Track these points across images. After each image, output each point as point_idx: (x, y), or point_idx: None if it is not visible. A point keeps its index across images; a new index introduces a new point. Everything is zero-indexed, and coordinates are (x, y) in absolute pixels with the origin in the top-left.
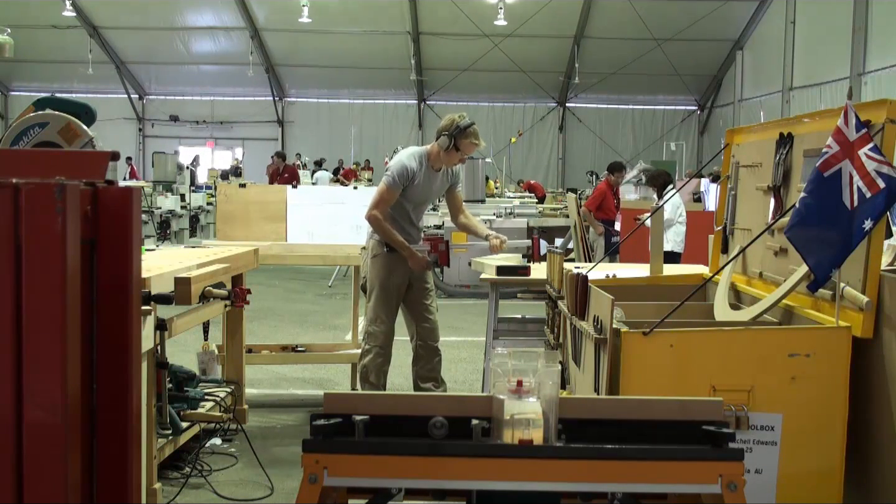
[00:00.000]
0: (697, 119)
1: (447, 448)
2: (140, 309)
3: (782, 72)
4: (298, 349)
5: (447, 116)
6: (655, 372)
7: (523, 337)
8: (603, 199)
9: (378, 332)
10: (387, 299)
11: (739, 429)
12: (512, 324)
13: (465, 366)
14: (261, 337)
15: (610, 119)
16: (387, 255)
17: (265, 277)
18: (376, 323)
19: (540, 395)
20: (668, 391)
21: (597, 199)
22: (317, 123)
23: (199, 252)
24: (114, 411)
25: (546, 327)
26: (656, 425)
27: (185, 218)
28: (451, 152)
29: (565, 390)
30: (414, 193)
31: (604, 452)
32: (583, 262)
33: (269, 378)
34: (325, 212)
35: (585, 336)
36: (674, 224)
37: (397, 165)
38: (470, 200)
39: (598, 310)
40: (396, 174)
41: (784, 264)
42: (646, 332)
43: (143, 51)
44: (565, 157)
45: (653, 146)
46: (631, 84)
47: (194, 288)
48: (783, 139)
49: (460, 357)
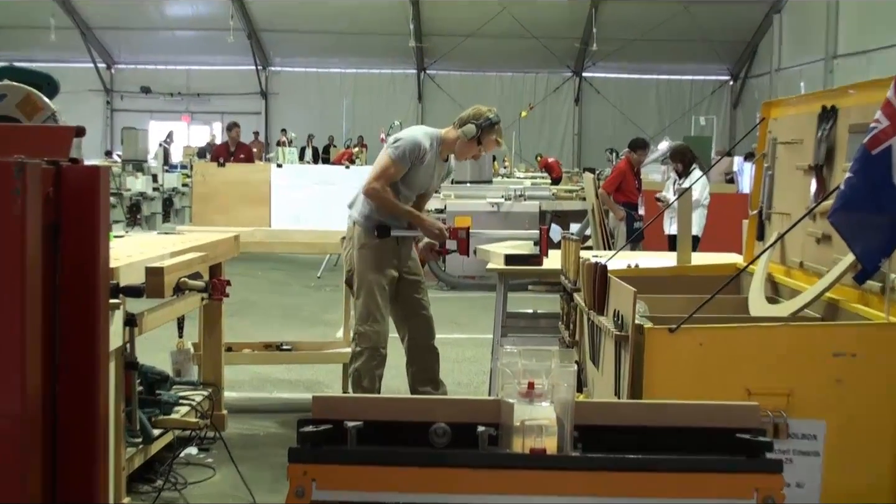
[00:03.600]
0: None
1: (450, 458)
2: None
3: (825, 37)
4: (284, 348)
5: (473, 107)
6: (683, 373)
7: (535, 334)
8: (623, 180)
9: (370, 332)
10: (379, 295)
11: (778, 437)
12: (522, 319)
13: (469, 366)
14: (242, 334)
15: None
16: (377, 245)
17: (247, 267)
18: (368, 322)
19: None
20: (697, 395)
21: (616, 180)
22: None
23: (173, 239)
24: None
25: (560, 323)
26: (684, 433)
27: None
28: (471, 144)
29: (582, 393)
30: (415, 178)
31: (625, 463)
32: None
33: (251, 380)
34: (313, 194)
35: (604, 333)
36: (699, 206)
37: (409, 140)
38: (476, 181)
39: (619, 303)
40: (407, 149)
41: (827, 253)
42: (672, 328)
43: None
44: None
45: (679, 121)
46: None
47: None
48: (826, 113)
49: (464, 356)
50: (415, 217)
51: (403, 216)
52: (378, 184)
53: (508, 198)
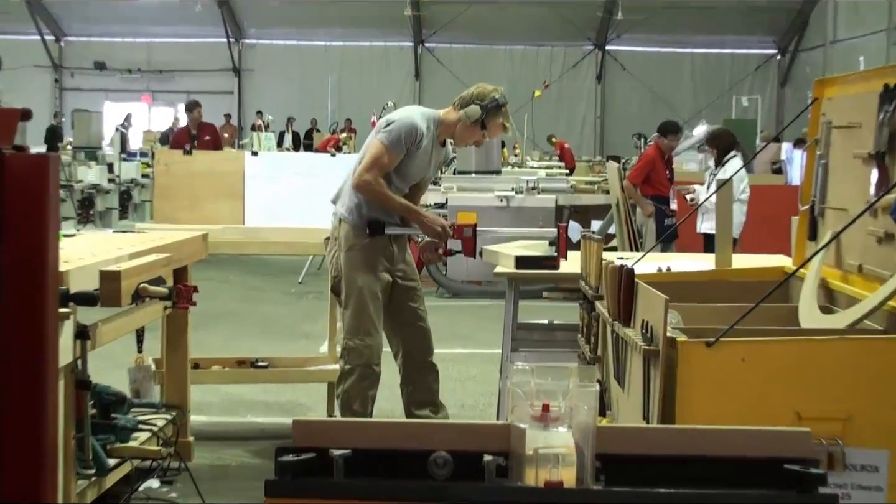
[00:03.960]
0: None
1: (452, 491)
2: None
3: (888, 6)
4: (259, 364)
5: (478, 85)
6: (722, 393)
7: (550, 349)
8: (651, 170)
9: (361, 346)
10: (371, 304)
11: (833, 469)
12: (536, 331)
13: (474, 386)
14: (211, 348)
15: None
16: (368, 246)
17: (217, 271)
18: (359, 335)
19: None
20: (738, 419)
21: (643, 170)
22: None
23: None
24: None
25: (580, 336)
26: (724, 463)
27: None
28: (474, 128)
29: (605, 417)
30: (410, 167)
31: (654, 498)
32: (627, 252)
33: (222, 402)
34: (294, 186)
35: (631, 347)
36: (736, 200)
37: (404, 123)
38: (482, 172)
39: (648, 313)
40: (403, 133)
41: (890, 254)
42: (710, 341)
43: None
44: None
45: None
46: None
47: (125, 284)
48: (889, 92)
49: (468, 374)
50: (413, 213)
51: (399, 212)
52: (370, 175)
53: (520, 190)
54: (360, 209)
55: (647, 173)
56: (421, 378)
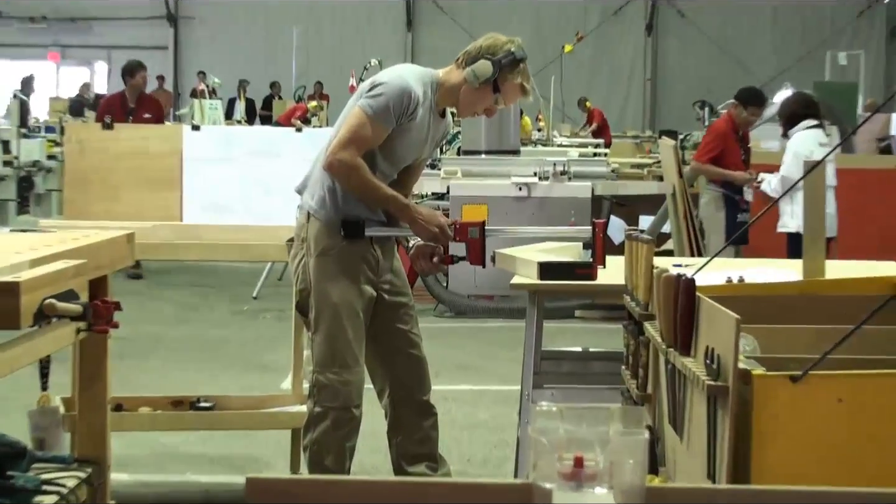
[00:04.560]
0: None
1: None
2: None
3: None
4: (202, 406)
5: (488, 36)
6: (813, 443)
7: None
8: (723, 149)
9: (337, 382)
10: (350, 326)
11: None
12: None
13: (485, 434)
14: (138, 384)
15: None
16: (345, 251)
17: (146, 283)
18: (333, 368)
19: (614, 483)
20: (834, 476)
21: (712, 148)
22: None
23: (33, 239)
24: None
25: (624, 368)
26: None
27: (11, 182)
28: (484, 92)
29: (658, 475)
30: (401, 145)
31: None
32: (687, 256)
33: (153, 455)
34: (247, 170)
35: (692, 382)
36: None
37: (394, 86)
38: (495, 151)
39: (714, 337)
40: (392, 99)
41: None
42: (797, 375)
43: None
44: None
45: (807, 59)
46: None
47: (25, 300)
48: None
49: (477, 419)
50: (402, 207)
51: (384, 205)
52: (347, 153)
53: (545, 176)
54: (335, 200)
55: (716, 152)
56: (414, 424)
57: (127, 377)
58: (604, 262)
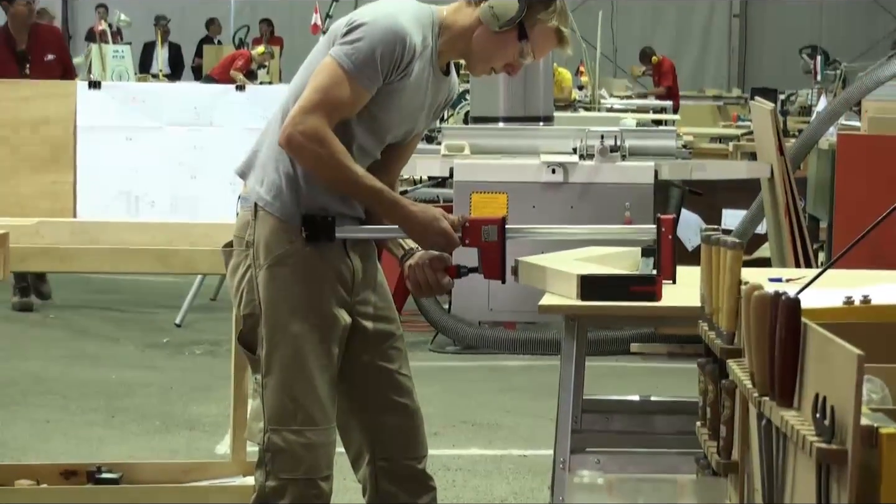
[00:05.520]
0: None
1: None
2: None
3: None
4: (103, 477)
5: None
6: None
7: (644, 447)
8: None
9: (297, 445)
10: (315, 366)
11: None
12: (617, 415)
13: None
14: (14, 446)
15: None
16: (308, 257)
17: None
18: (292, 425)
19: None
20: None
21: None
22: None
23: None
24: None
25: (699, 424)
26: None
27: None
28: (507, 38)
29: None
30: (389, 112)
31: None
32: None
33: None
34: (168, 145)
35: (794, 444)
36: None
37: (381, 28)
38: (517, 119)
39: (826, 382)
40: (380, 47)
41: None
42: None
43: None
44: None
45: None
46: None
47: None
48: None
49: (492, 495)
50: (391, 204)
51: (364, 197)
52: (313, 123)
53: (588, 153)
54: (294, 188)
55: None
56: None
57: (2, 437)
58: (672, 275)
